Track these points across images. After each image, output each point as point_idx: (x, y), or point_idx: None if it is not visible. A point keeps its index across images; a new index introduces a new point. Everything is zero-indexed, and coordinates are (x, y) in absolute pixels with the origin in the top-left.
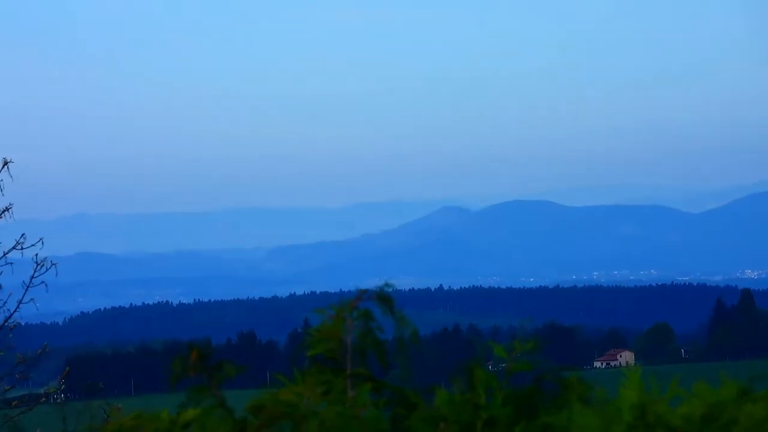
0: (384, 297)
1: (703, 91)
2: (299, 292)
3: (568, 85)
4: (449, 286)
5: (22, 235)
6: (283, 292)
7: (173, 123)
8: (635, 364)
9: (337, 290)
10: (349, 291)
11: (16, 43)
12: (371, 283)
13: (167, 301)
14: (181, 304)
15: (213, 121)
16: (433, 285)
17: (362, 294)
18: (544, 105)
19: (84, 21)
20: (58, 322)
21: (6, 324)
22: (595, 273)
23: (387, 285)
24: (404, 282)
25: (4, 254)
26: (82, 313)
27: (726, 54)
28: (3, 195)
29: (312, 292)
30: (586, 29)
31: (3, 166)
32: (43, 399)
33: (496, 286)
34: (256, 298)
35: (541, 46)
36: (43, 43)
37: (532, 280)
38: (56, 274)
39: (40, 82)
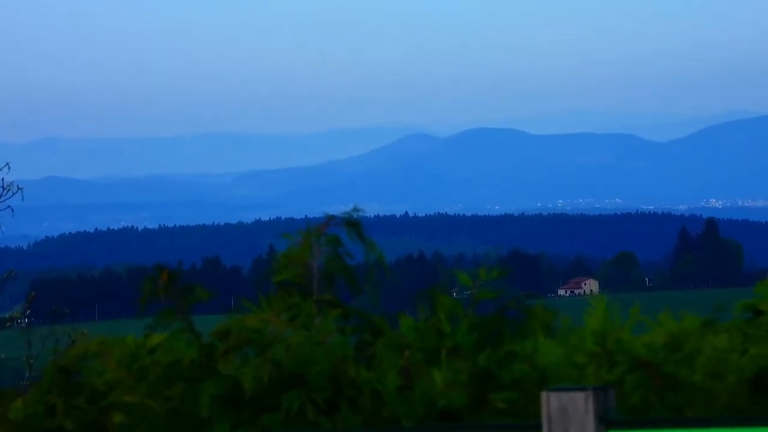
0: (352, 222)
1: (673, 18)
2: (265, 217)
3: (537, 13)
4: (414, 213)
5: None
6: (249, 217)
7: (143, 46)
8: (599, 292)
9: (303, 216)
10: (315, 217)
11: None
12: (338, 209)
13: (132, 226)
14: (146, 229)
15: (186, 43)
16: (399, 212)
17: (330, 219)
18: (512, 33)
19: None
20: (23, 246)
21: None
22: (559, 201)
23: (356, 210)
24: (371, 208)
25: None
26: (47, 237)
27: None
28: None
29: (278, 217)
30: None
31: None
32: (8, 324)
33: (461, 214)
34: (222, 223)
35: None
36: None
37: (497, 207)
38: (22, 198)
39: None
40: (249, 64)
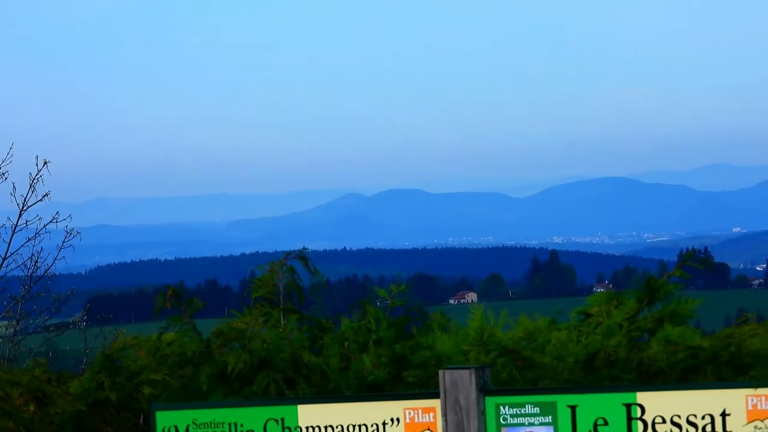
0: (302, 256)
1: (515, 109)
2: (248, 252)
3: (423, 91)
4: (350, 248)
5: (57, 212)
6: (237, 252)
7: (169, 122)
8: (478, 302)
9: (274, 251)
10: (281, 252)
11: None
12: (297, 246)
13: (157, 258)
14: (166, 260)
15: (190, 132)
16: (340, 247)
17: (288, 254)
18: (416, 109)
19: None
20: (81, 273)
21: (46, 274)
22: (450, 238)
23: (304, 248)
24: (320, 245)
25: (44, 226)
26: (98, 266)
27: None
28: (44, 185)
29: (257, 252)
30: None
31: (44, 166)
32: (71, 326)
33: (383, 248)
34: (219, 256)
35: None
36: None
37: (407, 243)
38: (80, 240)
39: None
40: (239, 142)
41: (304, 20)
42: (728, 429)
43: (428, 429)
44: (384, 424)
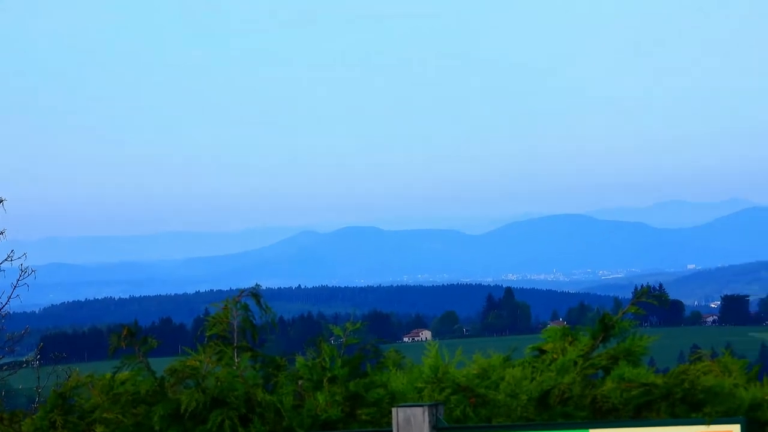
0: (255, 294)
1: (466, 147)
2: (203, 290)
3: (377, 128)
4: (305, 285)
5: (12, 250)
6: (191, 290)
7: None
8: (432, 339)
9: (228, 289)
10: (236, 289)
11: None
12: (251, 284)
13: (111, 297)
14: (120, 299)
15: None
16: (294, 284)
17: (242, 292)
18: (370, 146)
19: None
20: (35, 311)
21: (0, 313)
22: (405, 276)
23: (257, 286)
24: (275, 282)
25: None
26: (52, 305)
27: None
28: None
29: (212, 290)
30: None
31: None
32: (25, 365)
33: (337, 285)
34: (173, 294)
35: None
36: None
37: (362, 281)
38: (35, 278)
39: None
40: (193, 179)
41: (228, 53)
42: None
43: None
44: None
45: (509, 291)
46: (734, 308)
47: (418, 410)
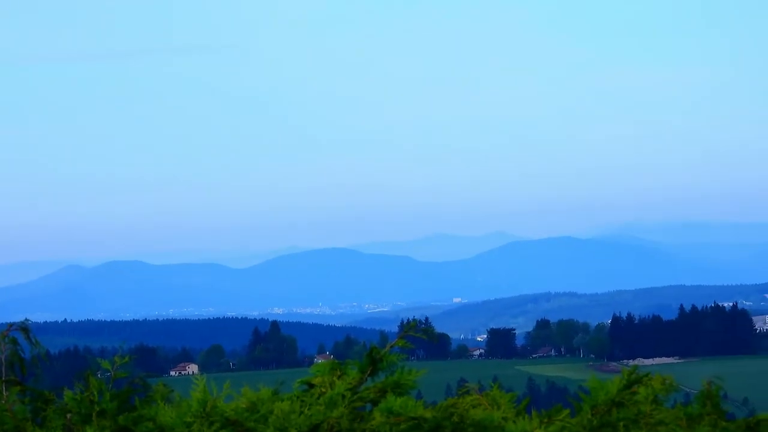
0: (24, 328)
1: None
2: None
3: (139, 160)
4: (71, 319)
5: None
6: None
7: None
8: (200, 373)
9: None
10: (3, 323)
11: None
12: (19, 317)
13: None
14: None
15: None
16: (60, 318)
17: (11, 326)
18: (133, 179)
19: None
20: None
21: None
22: (171, 309)
23: (26, 320)
24: (42, 316)
25: None
26: None
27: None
28: None
29: None
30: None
31: None
32: None
33: (104, 319)
34: None
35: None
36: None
37: (128, 314)
38: None
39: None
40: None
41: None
42: None
43: None
44: None
45: (275, 324)
46: (500, 341)
47: None
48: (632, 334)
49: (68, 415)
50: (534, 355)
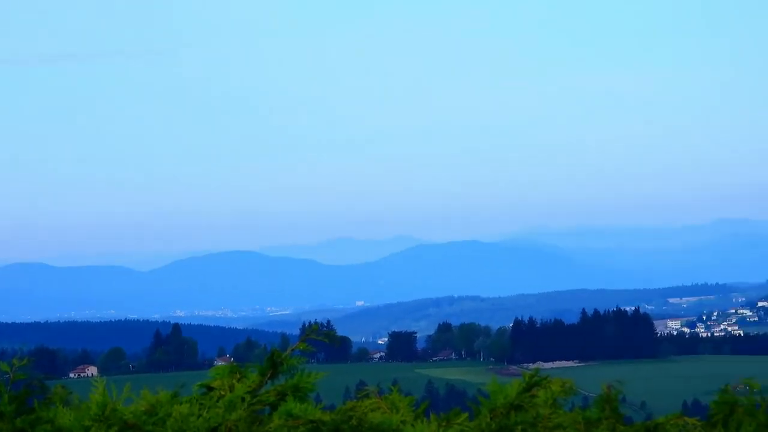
0: None
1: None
2: None
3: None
4: None
5: None
6: None
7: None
8: (99, 375)
9: None
10: None
11: None
12: None
13: None
14: None
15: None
16: None
17: None
18: (41, 180)
19: None
20: None
21: None
22: (72, 312)
23: None
24: None
25: None
26: None
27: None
28: None
29: None
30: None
31: None
32: None
33: (4, 321)
34: None
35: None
36: None
37: (29, 317)
38: None
39: None
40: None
41: None
42: None
43: None
44: None
45: (177, 327)
46: (401, 345)
47: None
48: (533, 338)
49: None
50: (434, 359)
